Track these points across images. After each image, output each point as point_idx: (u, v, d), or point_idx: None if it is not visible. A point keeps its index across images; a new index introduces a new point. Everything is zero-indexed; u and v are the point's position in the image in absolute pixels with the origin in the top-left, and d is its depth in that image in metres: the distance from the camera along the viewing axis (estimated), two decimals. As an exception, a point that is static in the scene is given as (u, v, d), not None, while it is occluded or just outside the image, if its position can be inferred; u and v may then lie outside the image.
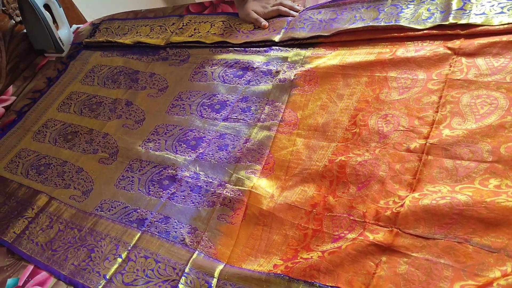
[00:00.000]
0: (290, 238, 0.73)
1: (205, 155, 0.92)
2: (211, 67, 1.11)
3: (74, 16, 1.78)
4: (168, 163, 0.95)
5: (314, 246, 0.70)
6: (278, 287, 0.67)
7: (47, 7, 1.45)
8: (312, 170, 0.79)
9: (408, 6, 0.93)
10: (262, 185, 0.82)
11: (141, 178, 0.95)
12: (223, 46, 1.15)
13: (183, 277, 0.74)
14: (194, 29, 1.24)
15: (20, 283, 0.88)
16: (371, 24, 0.93)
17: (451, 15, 0.86)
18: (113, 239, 0.86)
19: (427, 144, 0.72)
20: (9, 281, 0.90)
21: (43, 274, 0.87)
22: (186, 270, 0.75)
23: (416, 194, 0.67)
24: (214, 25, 1.21)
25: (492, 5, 0.83)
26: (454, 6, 0.87)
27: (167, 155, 0.97)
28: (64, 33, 1.52)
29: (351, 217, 0.70)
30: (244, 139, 0.91)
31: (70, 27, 1.59)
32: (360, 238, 0.67)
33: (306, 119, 0.88)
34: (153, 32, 1.33)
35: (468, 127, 0.71)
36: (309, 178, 0.79)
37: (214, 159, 0.91)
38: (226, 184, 0.85)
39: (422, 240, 0.63)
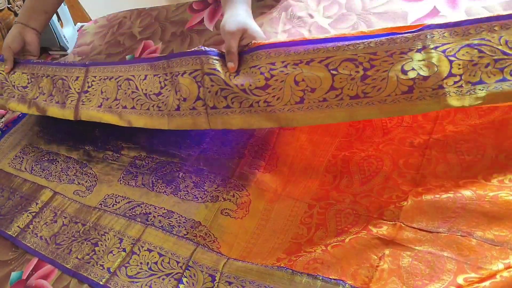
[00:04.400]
0: (293, 232, 0.74)
1: (208, 151, 0.93)
2: None
3: (78, 14, 1.79)
4: (172, 159, 0.95)
5: (318, 240, 0.71)
6: (282, 280, 0.67)
7: None
8: (315, 165, 0.80)
9: (372, 64, 0.67)
10: (266, 180, 0.82)
11: (145, 174, 0.96)
12: None
13: (186, 271, 0.74)
14: (101, 92, 0.95)
15: (24, 277, 0.89)
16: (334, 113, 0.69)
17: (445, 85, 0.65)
18: (117, 233, 0.86)
19: (431, 139, 0.72)
20: (13, 274, 0.90)
21: (47, 268, 0.88)
22: (190, 263, 0.75)
23: (419, 189, 0.67)
24: (120, 86, 0.91)
25: (488, 64, 0.63)
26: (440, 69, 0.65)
27: (171, 151, 0.97)
28: (69, 31, 1.53)
29: (355, 212, 0.71)
30: (248, 134, 0.91)
31: (75, 25, 1.60)
32: (363, 231, 0.67)
33: None
34: (56, 90, 1.03)
35: (472, 123, 0.71)
36: (312, 173, 0.79)
37: (217, 154, 0.91)
38: (230, 179, 0.85)
39: (425, 234, 0.63)
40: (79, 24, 1.66)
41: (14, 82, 1.11)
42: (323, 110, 0.67)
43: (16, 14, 1.48)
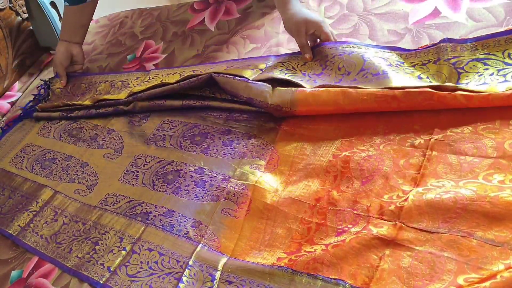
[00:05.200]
0: (293, 231, 0.74)
1: (209, 150, 0.93)
2: None
3: None
4: (173, 158, 0.95)
5: (318, 239, 0.71)
6: (282, 279, 0.67)
7: (53, 4, 1.47)
8: (316, 165, 0.80)
9: (397, 66, 0.83)
10: (266, 180, 0.82)
11: (146, 173, 0.96)
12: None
13: (187, 270, 0.74)
14: (161, 81, 1.11)
15: (24, 275, 0.89)
16: (360, 85, 0.82)
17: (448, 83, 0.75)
18: (118, 232, 0.86)
19: (432, 140, 0.72)
20: (13, 273, 0.91)
21: (47, 266, 0.88)
22: (190, 262, 0.75)
23: (420, 189, 0.67)
24: (183, 75, 1.09)
25: (492, 74, 0.74)
26: (449, 77, 0.77)
27: (172, 151, 0.97)
28: None
29: (355, 211, 0.71)
30: (249, 134, 0.92)
31: None
32: (363, 231, 0.67)
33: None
34: (114, 89, 1.22)
35: (473, 124, 0.71)
36: (313, 173, 0.79)
37: (219, 154, 0.91)
38: (230, 179, 0.85)
39: (425, 234, 0.63)
40: (80, 24, 1.66)
41: (74, 92, 1.31)
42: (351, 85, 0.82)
43: (17, 13, 1.49)
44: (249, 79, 0.91)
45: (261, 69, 0.96)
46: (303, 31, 0.91)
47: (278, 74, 0.91)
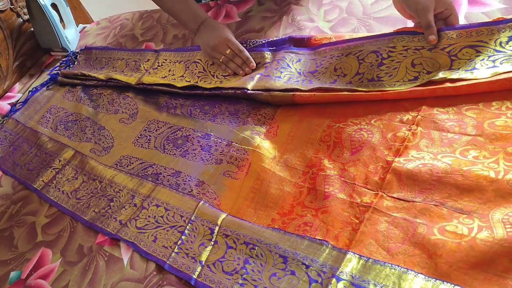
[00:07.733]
0: (286, 193, 0.80)
1: (216, 118, 1.00)
2: None
3: (81, 15, 1.81)
4: (183, 125, 1.03)
5: (308, 202, 0.77)
6: (273, 237, 0.74)
7: (54, 6, 1.49)
8: (311, 135, 0.86)
9: (389, 55, 0.87)
10: (266, 146, 0.89)
11: (157, 137, 1.03)
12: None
13: (189, 224, 0.82)
14: (169, 70, 1.19)
15: (23, 276, 0.91)
16: (354, 87, 0.87)
17: (441, 72, 0.80)
18: (130, 190, 0.95)
19: (419, 116, 0.77)
20: (12, 274, 0.93)
21: (46, 268, 0.91)
22: (192, 218, 0.83)
23: (401, 159, 0.73)
24: (188, 67, 1.15)
25: (482, 59, 0.78)
26: (442, 65, 0.81)
27: (183, 118, 1.05)
28: (71, 32, 1.56)
29: (342, 179, 0.77)
30: (253, 105, 0.99)
31: (77, 27, 1.63)
32: (348, 199, 0.74)
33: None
34: (128, 68, 1.29)
35: (458, 104, 0.76)
36: (308, 142, 0.85)
37: (225, 122, 0.98)
38: (233, 143, 0.92)
39: (402, 203, 0.69)
40: (81, 26, 1.69)
41: (95, 65, 1.39)
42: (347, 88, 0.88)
43: (18, 15, 1.52)
44: (248, 90, 0.97)
45: (260, 73, 1.01)
46: (432, 9, 0.83)
47: (276, 79, 0.96)
